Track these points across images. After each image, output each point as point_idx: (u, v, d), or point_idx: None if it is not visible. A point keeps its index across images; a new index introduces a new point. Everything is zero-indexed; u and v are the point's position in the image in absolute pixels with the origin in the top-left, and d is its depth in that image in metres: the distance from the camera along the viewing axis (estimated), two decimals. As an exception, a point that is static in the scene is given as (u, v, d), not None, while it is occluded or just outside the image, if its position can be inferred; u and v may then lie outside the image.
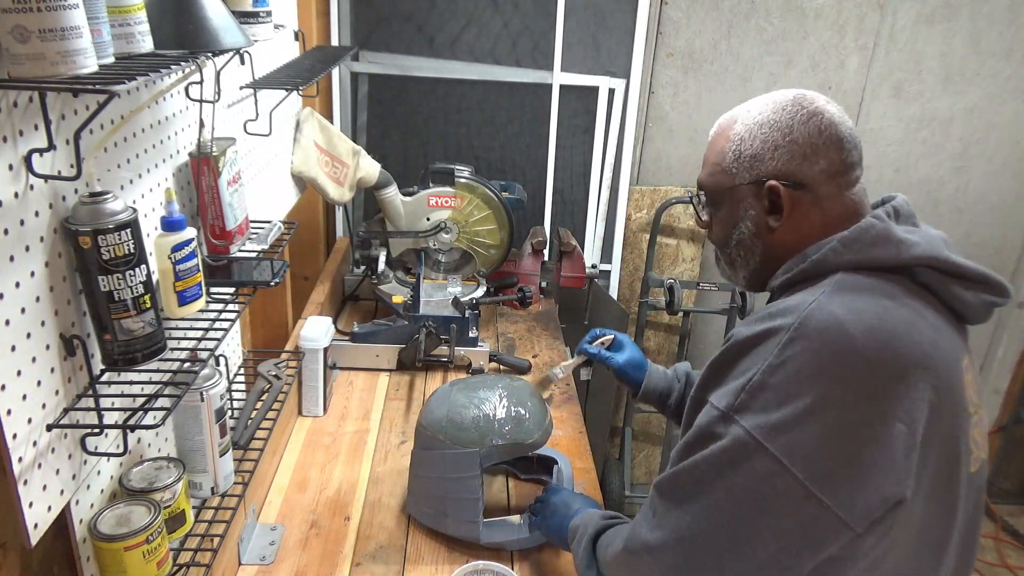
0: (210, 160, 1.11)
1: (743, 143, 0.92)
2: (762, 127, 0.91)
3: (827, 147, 0.89)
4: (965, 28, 2.32)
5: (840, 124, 0.90)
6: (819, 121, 0.89)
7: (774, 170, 0.90)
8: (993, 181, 2.52)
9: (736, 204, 0.94)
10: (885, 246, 0.85)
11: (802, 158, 0.89)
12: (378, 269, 1.95)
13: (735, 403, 0.80)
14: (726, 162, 0.94)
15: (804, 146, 0.89)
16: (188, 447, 1.07)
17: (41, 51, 0.66)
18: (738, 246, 0.96)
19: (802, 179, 0.89)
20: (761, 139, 0.91)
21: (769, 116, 0.91)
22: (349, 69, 2.26)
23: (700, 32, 2.31)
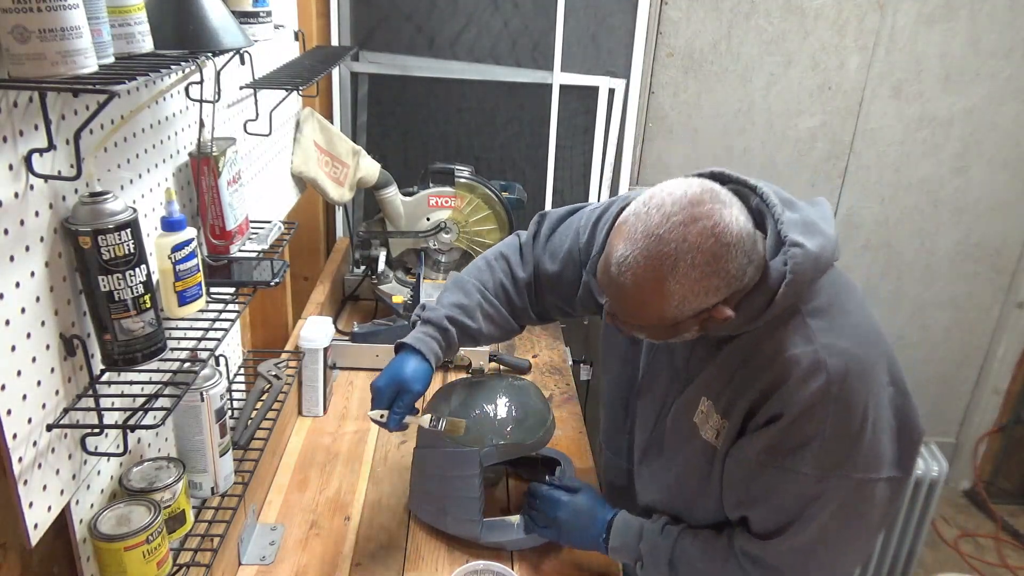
0: (210, 160, 1.11)
1: (686, 301, 0.91)
2: (701, 281, 0.90)
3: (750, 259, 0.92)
4: (965, 28, 2.32)
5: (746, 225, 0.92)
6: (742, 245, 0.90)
7: (716, 301, 0.93)
8: (993, 181, 2.52)
9: (677, 327, 0.97)
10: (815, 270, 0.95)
11: (738, 281, 0.92)
12: (378, 269, 1.95)
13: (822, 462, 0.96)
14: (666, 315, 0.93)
15: (738, 273, 0.92)
16: (188, 447, 1.07)
17: (41, 51, 0.66)
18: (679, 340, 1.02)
19: (739, 290, 0.94)
20: (703, 291, 0.90)
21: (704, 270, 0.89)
22: (349, 69, 2.26)
23: (700, 32, 2.31)
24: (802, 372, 0.95)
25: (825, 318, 0.98)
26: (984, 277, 2.67)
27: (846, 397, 0.94)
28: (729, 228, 0.90)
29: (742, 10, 2.28)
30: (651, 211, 0.91)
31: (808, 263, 0.93)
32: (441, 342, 1.22)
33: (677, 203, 0.90)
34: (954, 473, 2.97)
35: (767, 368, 0.97)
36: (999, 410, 2.86)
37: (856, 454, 0.96)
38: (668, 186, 0.94)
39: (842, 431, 0.95)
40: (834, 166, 2.49)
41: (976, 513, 2.93)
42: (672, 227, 0.89)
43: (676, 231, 0.89)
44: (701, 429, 1.06)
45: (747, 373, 1.00)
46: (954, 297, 2.69)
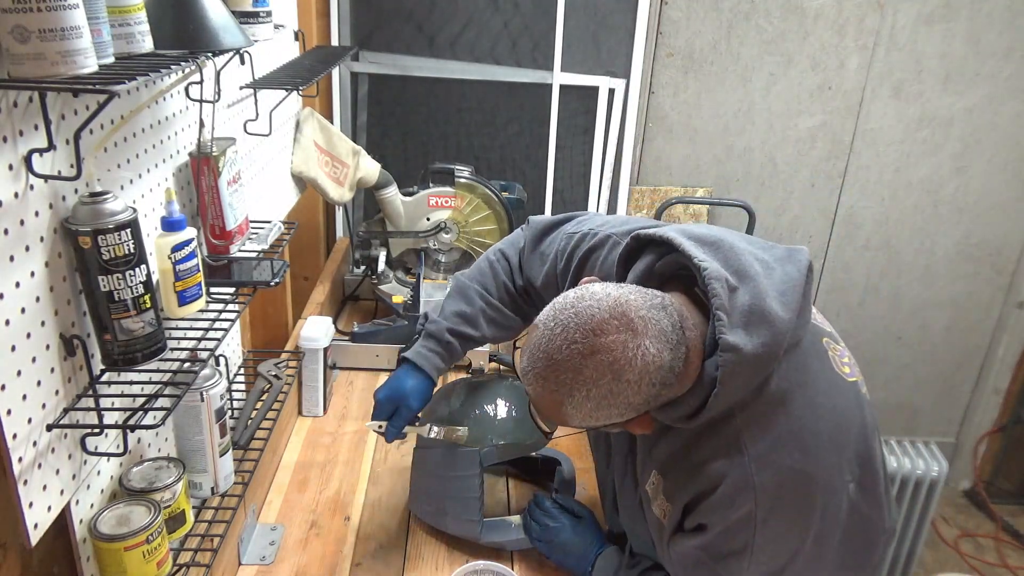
0: (210, 160, 1.11)
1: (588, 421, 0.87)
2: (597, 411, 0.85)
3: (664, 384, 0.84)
4: (965, 28, 2.32)
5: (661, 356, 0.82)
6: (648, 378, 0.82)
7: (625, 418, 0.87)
8: (993, 181, 2.52)
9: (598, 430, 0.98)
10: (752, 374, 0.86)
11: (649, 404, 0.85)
12: (378, 269, 1.95)
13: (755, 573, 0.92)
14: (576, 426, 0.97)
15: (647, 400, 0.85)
16: (188, 447, 1.07)
17: (41, 51, 0.66)
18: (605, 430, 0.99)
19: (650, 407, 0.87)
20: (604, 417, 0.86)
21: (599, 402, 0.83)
22: (349, 69, 2.26)
23: (700, 32, 2.31)
24: (727, 490, 0.89)
25: (764, 425, 0.89)
26: (984, 277, 2.67)
27: (779, 518, 0.89)
28: (632, 364, 0.81)
29: (742, 10, 2.28)
30: (556, 329, 0.84)
31: (742, 369, 0.84)
32: (443, 355, 1.24)
33: (581, 327, 0.82)
34: (954, 473, 2.97)
35: (697, 475, 0.92)
36: (999, 410, 2.86)
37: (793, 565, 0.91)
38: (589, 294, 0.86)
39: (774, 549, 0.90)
40: (834, 166, 2.49)
41: (976, 513, 2.93)
42: (570, 355, 0.83)
43: (573, 361, 0.83)
44: (652, 502, 1.02)
45: (684, 470, 0.95)
46: (954, 297, 2.69)
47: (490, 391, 1.29)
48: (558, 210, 2.42)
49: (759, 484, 0.88)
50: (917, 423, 2.89)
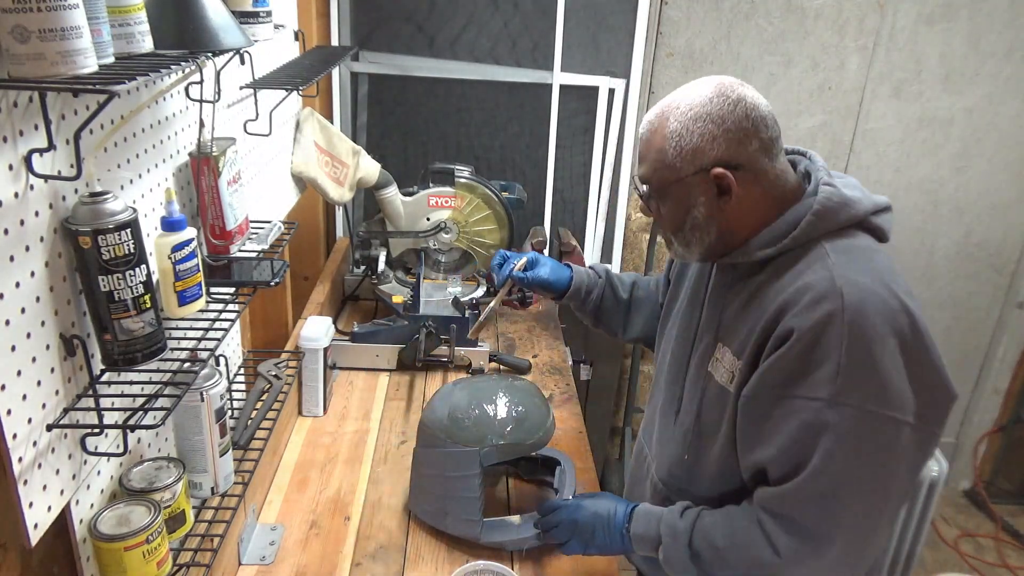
0: (210, 160, 1.11)
1: (682, 139, 1.00)
2: (696, 121, 0.99)
3: (756, 128, 0.99)
4: (965, 28, 2.32)
5: (760, 106, 1.00)
6: (745, 107, 0.99)
7: (715, 158, 0.99)
8: (993, 181, 2.52)
9: (685, 194, 1.03)
10: (847, 210, 1.00)
11: (737, 143, 0.99)
12: (378, 269, 1.95)
13: (836, 388, 0.91)
14: (668, 158, 1.01)
15: (737, 132, 0.98)
16: (188, 447, 1.07)
17: (41, 51, 0.66)
18: (693, 230, 1.05)
19: (741, 161, 0.99)
20: (699, 133, 0.99)
21: (700, 110, 0.99)
22: (349, 69, 2.26)
23: (700, 32, 2.31)
24: (815, 295, 0.93)
25: (848, 256, 0.97)
26: (984, 277, 2.67)
27: (861, 325, 0.91)
28: (733, 89, 1.00)
29: (742, 10, 2.28)
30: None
31: (837, 201, 0.99)
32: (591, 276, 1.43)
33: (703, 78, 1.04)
34: (954, 473, 2.97)
35: (783, 291, 0.97)
36: (999, 410, 2.86)
37: (871, 385, 0.91)
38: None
39: (856, 359, 0.91)
40: (834, 166, 2.48)
41: (976, 513, 2.93)
42: (686, 89, 1.03)
43: (687, 88, 1.03)
44: (717, 376, 1.05)
45: (762, 303, 1.00)
46: (954, 297, 2.69)
47: (490, 391, 1.29)
48: (558, 210, 2.42)
49: (846, 293, 0.92)
50: (917, 423, 2.89)
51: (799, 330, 0.93)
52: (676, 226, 1.07)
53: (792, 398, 0.94)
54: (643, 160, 1.06)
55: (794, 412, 0.94)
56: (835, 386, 0.91)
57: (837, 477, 0.93)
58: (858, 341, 0.91)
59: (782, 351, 0.95)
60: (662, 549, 1.07)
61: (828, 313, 0.92)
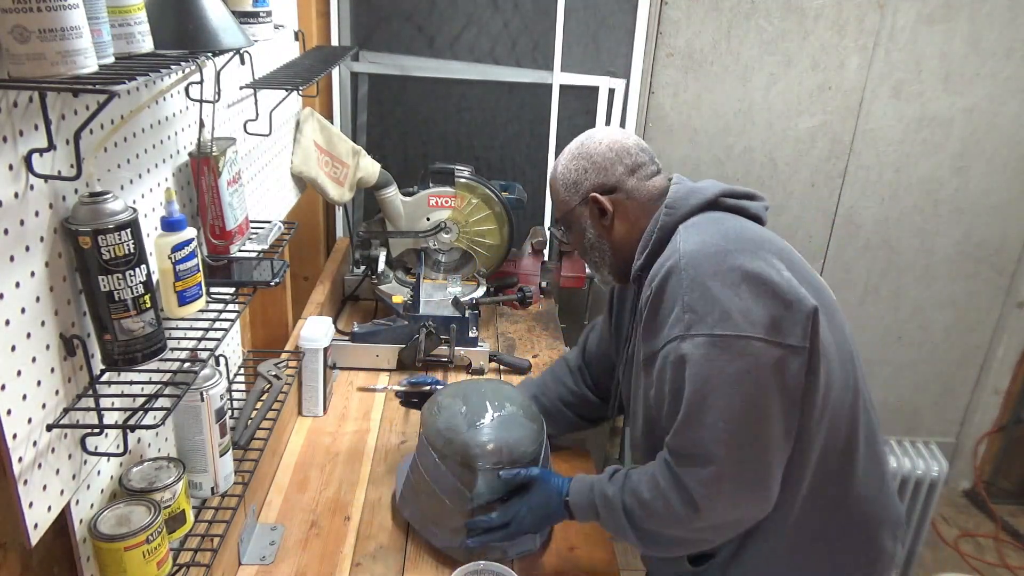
0: (210, 160, 1.11)
1: (566, 177, 1.22)
2: (572, 161, 1.22)
3: (618, 156, 1.19)
4: (965, 28, 2.32)
5: (623, 139, 1.21)
6: (608, 142, 1.20)
7: (590, 186, 1.20)
8: (993, 181, 2.52)
9: (578, 221, 1.23)
10: (694, 195, 1.15)
11: (604, 170, 1.19)
12: (378, 269, 1.95)
13: (685, 323, 1.02)
14: (561, 195, 1.24)
15: (602, 161, 1.19)
16: (188, 447, 1.07)
17: (41, 51, 0.66)
18: (592, 250, 1.24)
19: (610, 184, 1.19)
20: (574, 169, 1.21)
21: (574, 151, 1.23)
22: (349, 69, 2.26)
23: (700, 32, 2.31)
24: (662, 260, 1.09)
25: (695, 228, 1.11)
26: (984, 277, 2.67)
27: (696, 267, 1.03)
28: (601, 133, 1.23)
29: (742, 10, 2.28)
30: None
31: (683, 191, 1.16)
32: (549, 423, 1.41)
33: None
34: (954, 473, 2.97)
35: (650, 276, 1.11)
36: (999, 410, 2.86)
37: (714, 313, 1.00)
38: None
39: (696, 295, 1.02)
40: (834, 166, 2.49)
41: (976, 513, 2.93)
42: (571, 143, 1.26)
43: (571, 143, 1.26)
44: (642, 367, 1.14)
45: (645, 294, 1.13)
46: (954, 297, 2.69)
47: (481, 408, 1.27)
48: (558, 210, 2.42)
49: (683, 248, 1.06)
50: (917, 423, 2.89)
51: (649, 287, 1.08)
52: (582, 251, 1.26)
53: (660, 348, 1.06)
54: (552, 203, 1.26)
55: (664, 358, 1.05)
56: (684, 323, 1.02)
57: (708, 399, 1.01)
58: (695, 280, 1.03)
59: (644, 314, 1.09)
60: (600, 515, 1.15)
61: (668, 268, 1.06)
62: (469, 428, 1.23)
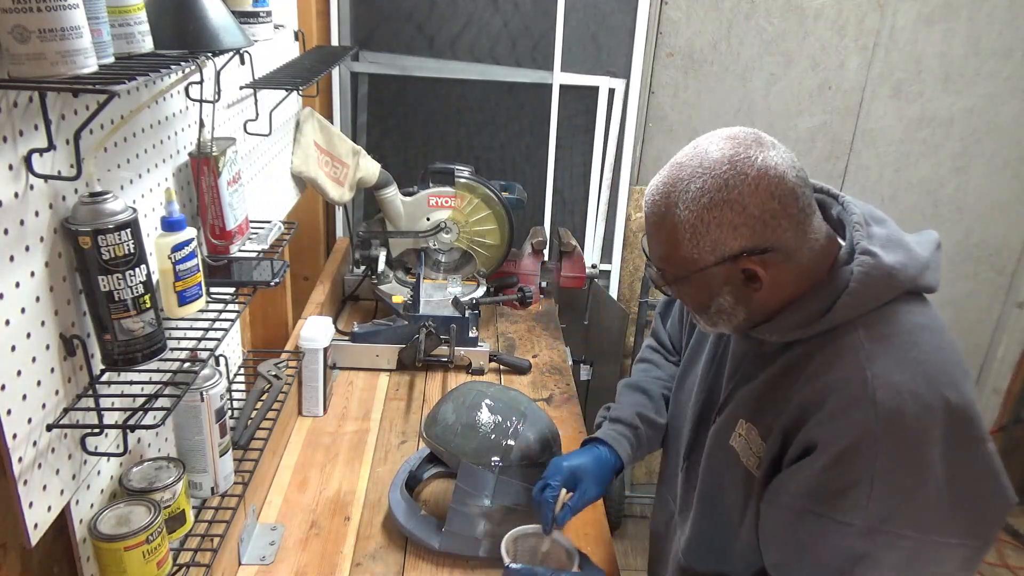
0: (210, 160, 1.11)
1: (696, 231, 0.86)
2: (711, 210, 0.85)
3: (783, 207, 0.85)
4: (965, 28, 2.32)
5: (786, 175, 0.85)
6: (768, 183, 0.84)
7: (739, 248, 0.86)
8: (993, 181, 2.52)
9: (707, 283, 0.91)
10: (888, 284, 0.87)
11: (763, 227, 0.85)
12: (378, 269, 1.95)
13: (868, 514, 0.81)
14: (683, 249, 0.89)
15: (762, 216, 0.84)
16: (188, 447, 1.07)
17: (41, 51, 0.66)
18: (718, 313, 0.94)
19: (768, 245, 0.86)
20: (716, 223, 0.85)
21: (715, 196, 0.84)
22: (349, 69, 2.26)
23: (700, 32, 2.31)
24: (844, 400, 0.83)
25: (888, 345, 0.84)
26: (984, 277, 2.67)
27: (897, 442, 0.80)
28: (753, 162, 0.83)
29: (742, 10, 2.28)
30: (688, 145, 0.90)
31: (878, 275, 0.86)
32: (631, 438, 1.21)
33: (712, 136, 0.88)
34: (954, 473, 2.97)
35: (807, 384, 0.87)
36: (999, 410, 2.86)
37: (909, 510, 0.81)
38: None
39: (891, 482, 0.81)
40: (834, 166, 2.49)
41: (976, 513, 2.93)
42: (694, 154, 0.87)
43: (696, 157, 0.87)
44: (741, 455, 0.96)
45: (787, 390, 0.89)
46: (954, 297, 2.69)
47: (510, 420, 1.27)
48: (558, 210, 2.42)
49: (880, 400, 0.81)
50: (917, 423, 2.89)
51: (823, 443, 0.83)
52: (700, 308, 0.96)
53: (822, 517, 0.84)
54: (652, 240, 0.93)
55: (825, 534, 0.84)
56: (868, 512, 0.81)
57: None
58: (894, 462, 0.80)
59: (806, 463, 0.85)
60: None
61: (859, 425, 0.81)
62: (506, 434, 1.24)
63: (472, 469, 1.22)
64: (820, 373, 0.86)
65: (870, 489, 0.81)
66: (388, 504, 1.33)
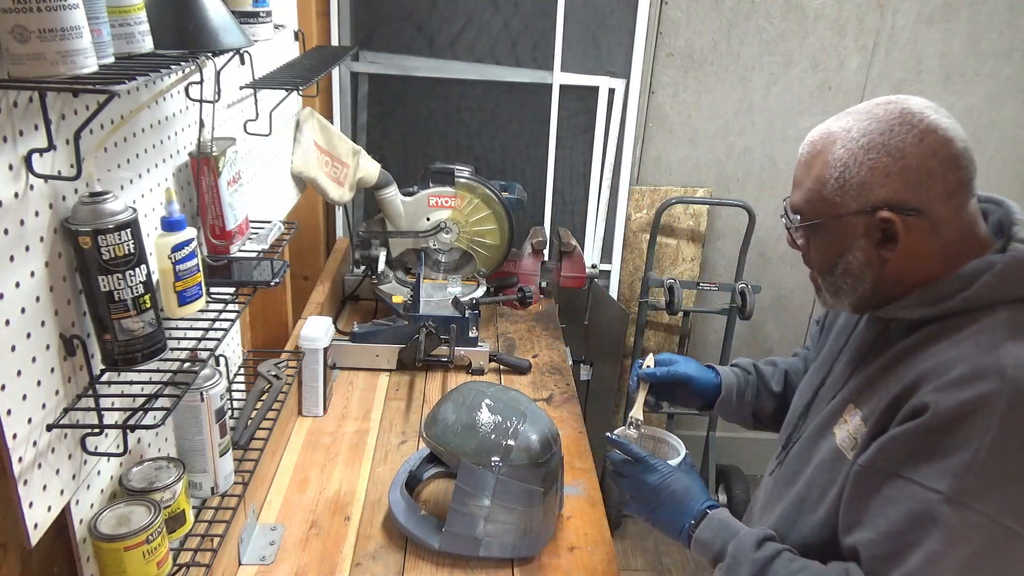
0: (210, 160, 1.11)
1: (848, 170, 0.85)
2: (868, 151, 0.83)
3: (943, 169, 0.82)
4: (965, 28, 2.32)
5: (954, 139, 0.83)
6: (933, 141, 0.82)
7: (885, 198, 0.83)
8: (993, 181, 2.52)
9: (842, 233, 0.88)
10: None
11: (916, 184, 0.82)
12: (378, 269, 1.95)
13: (962, 485, 0.76)
14: (827, 190, 0.87)
15: (918, 171, 0.82)
16: (188, 447, 1.07)
17: (41, 51, 0.66)
18: (844, 275, 0.91)
19: (917, 205, 0.83)
20: (869, 165, 0.83)
21: (876, 138, 0.83)
22: (349, 69, 2.26)
23: (700, 32, 2.31)
24: (969, 369, 0.77)
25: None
26: (984, 277, 2.66)
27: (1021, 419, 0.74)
28: (923, 117, 0.82)
29: (742, 10, 2.28)
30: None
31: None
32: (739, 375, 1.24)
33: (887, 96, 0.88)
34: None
35: (930, 360, 0.81)
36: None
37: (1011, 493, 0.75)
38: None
39: (1002, 456, 0.74)
40: (834, 166, 2.49)
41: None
42: (866, 107, 0.87)
43: (866, 109, 0.87)
44: (837, 436, 0.92)
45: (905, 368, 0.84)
46: (954, 297, 2.69)
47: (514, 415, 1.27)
48: (558, 210, 2.42)
49: (1011, 375, 0.75)
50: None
51: (936, 406, 0.78)
52: (825, 268, 0.93)
53: (907, 481, 0.80)
54: (797, 186, 0.92)
55: (905, 497, 0.80)
56: (963, 482, 0.76)
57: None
58: (1012, 436, 0.75)
59: (911, 425, 0.80)
60: (723, 568, 0.96)
61: (981, 394, 0.76)
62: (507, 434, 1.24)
63: (472, 469, 1.22)
64: (947, 348, 0.81)
65: (971, 460, 0.75)
66: (388, 504, 1.33)
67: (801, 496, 0.97)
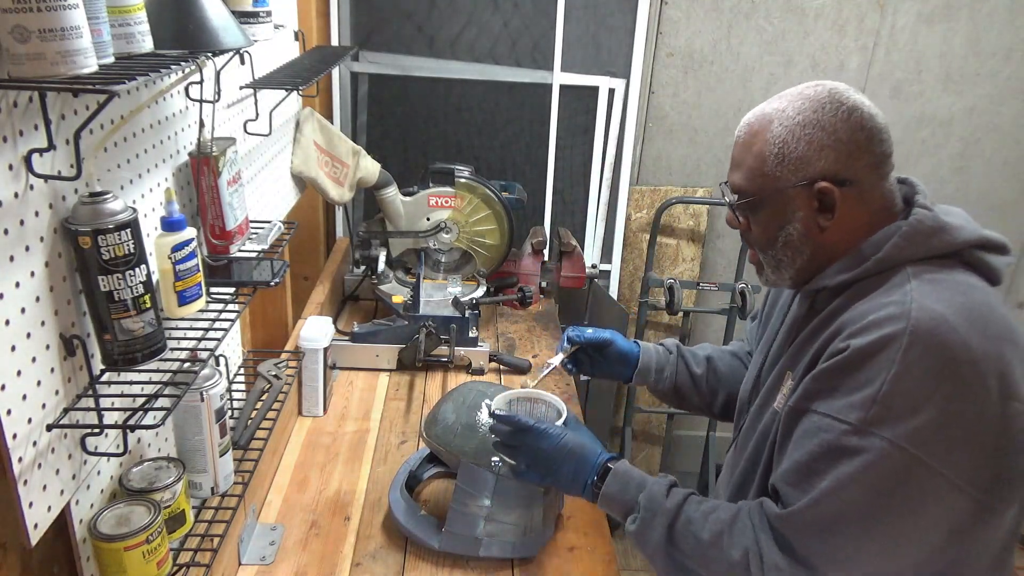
0: (210, 160, 1.11)
1: (786, 145, 0.92)
2: (804, 127, 0.91)
3: (869, 141, 0.91)
4: (965, 28, 2.32)
5: (876, 116, 0.92)
6: (859, 117, 0.91)
7: (822, 170, 0.91)
8: (993, 181, 2.52)
9: (783, 206, 0.94)
10: (940, 235, 0.90)
11: (848, 155, 0.91)
12: (378, 269, 1.95)
13: (868, 415, 0.81)
14: (768, 166, 0.93)
15: (849, 144, 0.91)
16: (188, 447, 1.07)
17: (41, 51, 0.66)
18: (785, 247, 0.97)
19: (849, 176, 0.91)
20: (806, 140, 0.91)
21: (809, 116, 0.91)
22: (349, 69, 2.26)
23: (700, 32, 2.31)
24: (881, 315, 0.84)
25: (934, 286, 0.86)
26: (984, 277, 2.67)
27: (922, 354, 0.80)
28: (848, 96, 0.91)
29: (742, 10, 2.28)
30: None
31: (931, 224, 0.90)
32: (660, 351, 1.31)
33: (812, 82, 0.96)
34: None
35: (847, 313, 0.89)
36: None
37: (913, 421, 0.79)
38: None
39: (903, 388, 0.80)
40: (834, 166, 2.49)
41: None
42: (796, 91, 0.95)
43: (797, 92, 0.95)
44: (776, 402, 0.98)
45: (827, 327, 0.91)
46: (954, 297, 2.69)
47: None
48: (558, 210, 2.42)
49: (916, 317, 0.82)
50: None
51: (852, 348, 0.84)
52: (767, 242, 0.98)
53: (820, 415, 0.86)
54: (737, 166, 0.98)
55: (819, 430, 0.85)
56: (868, 413, 0.81)
57: (844, 510, 0.83)
58: (912, 370, 0.80)
59: (827, 364, 0.87)
60: (635, 520, 0.98)
61: (888, 334, 0.82)
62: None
63: (472, 469, 1.22)
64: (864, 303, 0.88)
65: (877, 391, 0.81)
66: (388, 504, 1.33)
67: (751, 461, 1.03)
